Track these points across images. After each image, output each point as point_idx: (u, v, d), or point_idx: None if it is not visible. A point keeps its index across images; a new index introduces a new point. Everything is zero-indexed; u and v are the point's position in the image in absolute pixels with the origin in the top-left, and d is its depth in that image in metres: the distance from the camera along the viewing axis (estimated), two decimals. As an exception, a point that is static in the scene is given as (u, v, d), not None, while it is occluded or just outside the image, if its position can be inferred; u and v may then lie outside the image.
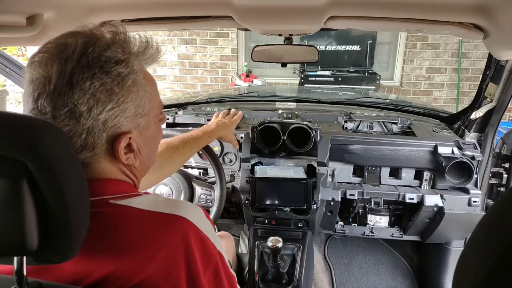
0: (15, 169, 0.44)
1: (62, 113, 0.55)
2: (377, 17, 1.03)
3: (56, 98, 0.55)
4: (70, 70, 0.55)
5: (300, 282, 1.36)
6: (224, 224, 2.04)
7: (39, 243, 0.46)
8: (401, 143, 1.50)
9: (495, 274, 0.28)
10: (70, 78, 0.55)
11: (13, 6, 0.81)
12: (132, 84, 0.60)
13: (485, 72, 1.46)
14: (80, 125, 0.57)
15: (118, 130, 0.60)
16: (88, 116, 0.56)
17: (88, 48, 0.57)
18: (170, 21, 1.14)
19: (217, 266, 0.65)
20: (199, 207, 0.68)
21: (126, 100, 0.60)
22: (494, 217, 0.32)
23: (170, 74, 4.85)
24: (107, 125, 0.59)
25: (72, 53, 0.56)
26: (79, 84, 0.55)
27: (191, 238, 0.60)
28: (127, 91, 0.60)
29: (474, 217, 1.44)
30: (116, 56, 0.59)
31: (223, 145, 1.60)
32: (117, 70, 0.58)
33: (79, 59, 0.56)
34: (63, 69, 0.55)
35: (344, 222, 1.66)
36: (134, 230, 0.58)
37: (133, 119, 0.62)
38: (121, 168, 0.65)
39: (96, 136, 0.58)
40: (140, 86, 0.62)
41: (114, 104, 0.58)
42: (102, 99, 0.57)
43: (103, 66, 0.57)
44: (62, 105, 0.55)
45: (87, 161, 0.60)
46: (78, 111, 0.56)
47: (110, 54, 0.58)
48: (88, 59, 0.56)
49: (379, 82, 4.15)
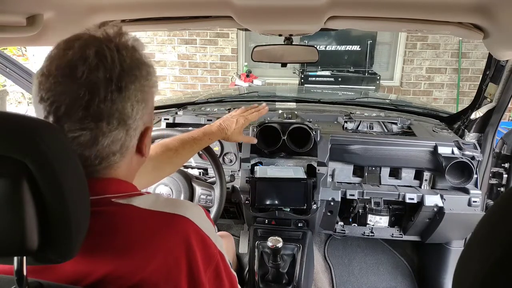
0: (15, 169, 0.44)
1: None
2: (377, 17, 1.03)
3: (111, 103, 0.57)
4: (116, 76, 0.56)
5: (300, 282, 1.36)
6: (224, 224, 2.04)
7: (39, 243, 0.46)
8: (401, 143, 1.50)
9: (495, 274, 0.28)
10: (118, 83, 0.56)
11: (13, 6, 0.81)
12: (149, 79, 0.64)
13: (485, 72, 1.46)
14: (126, 127, 0.59)
15: (144, 126, 0.63)
16: (135, 118, 0.59)
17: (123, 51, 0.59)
18: (170, 21, 1.14)
19: (218, 265, 0.65)
20: (200, 207, 0.68)
21: (149, 95, 0.63)
22: (494, 217, 0.32)
23: (170, 74, 4.85)
24: (141, 122, 0.62)
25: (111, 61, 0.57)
26: (126, 88, 0.57)
27: (192, 237, 0.60)
28: (151, 87, 0.64)
29: (474, 217, 1.44)
30: (140, 57, 0.62)
31: (223, 145, 1.60)
32: (148, 70, 0.62)
33: (121, 64, 0.57)
34: (110, 76, 0.56)
35: (344, 222, 1.66)
36: (135, 229, 0.58)
37: (150, 114, 0.65)
38: (125, 174, 0.65)
39: (134, 135, 0.61)
40: (149, 81, 0.65)
41: (144, 103, 0.61)
42: (140, 100, 0.60)
43: (139, 67, 0.60)
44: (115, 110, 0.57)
45: (114, 161, 0.60)
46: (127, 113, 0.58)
47: (137, 56, 0.62)
48: (126, 63, 0.58)
49: (379, 82, 4.14)
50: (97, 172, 0.60)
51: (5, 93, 4.41)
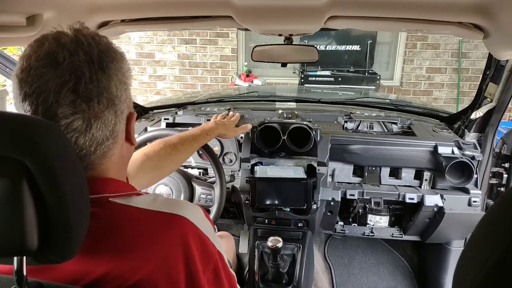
0: (15, 169, 0.44)
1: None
2: (377, 17, 1.03)
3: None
4: (96, 57, 0.58)
5: (300, 282, 1.36)
6: (224, 224, 2.04)
7: (39, 243, 0.46)
8: (401, 143, 1.50)
9: (495, 274, 0.28)
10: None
11: (13, 6, 0.81)
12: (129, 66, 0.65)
13: (485, 72, 1.46)
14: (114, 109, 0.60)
15: (128, 110, 0.64)
16: (119, 98, 0.61)
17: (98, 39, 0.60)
18: (170, 21, 1.14)
19: (216, 265, 0.65)
20: (198, 207, 0.68)
21: (129, 81, 0.64)
22: (494, 217, 0.32)
23: (170, 74, 4.85)
24: (125, 106, 0.63)
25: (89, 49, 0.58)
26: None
27: (190, 237, 0.60)
28: (128, 70, 0.64)
29: (474, 217, 1.44)
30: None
31: (223, 145, 1.60)
32: (119, 52, 0.63)
33: (97, 46, 0.59)
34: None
35: (344, 222, 1.66)
36: (133, 229, 0.58)
37: (131, 99, 0.66)
38: (119, 167, 0.66)
39: (121, 119, 0.62)
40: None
41: (126, 86, 0.63)
42: (121, 80, 0.61)
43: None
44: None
45: (108, 147, 0.61)
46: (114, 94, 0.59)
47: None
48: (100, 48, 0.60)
49: (379, 82, 4.14)
50: (93, 163, 0.60)
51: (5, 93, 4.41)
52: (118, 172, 0.66)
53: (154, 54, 4.74)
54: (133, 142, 0.68)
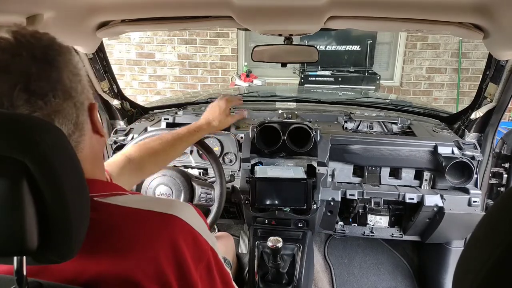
0: (14, 169, 0.44)
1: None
2: (377, 17, 1.03)
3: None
4: (40, 52, 0.56)
5: (300, 282, 1.36)
6: (224, 224, 2.04)
7: (39, 243, 0.46)
8: (401, 143, 1.50)
9: (495, 274, 0.28)
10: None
11: (13, 6, 0.81)
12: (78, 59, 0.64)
13: (485, 72, 1.46)
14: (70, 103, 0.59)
15: (89, 101, 0.63)
16: (76, 90, 0.59)
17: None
18: (170, 21, 1.14)
19: (209, 262, 0.65)
20: (190, 205, 0.68)
21: (83, 72, 0.63)
22: (494, 217, 0.32)
23: (170, 74, 4.85)
24: (84, 97, 0.62)
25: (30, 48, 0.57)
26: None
27: (181, 236, 0.60)
28: (79, 62, 0.63)
29: (474, 217, 1.44)
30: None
31: (223, 145, 1.60)
32: (64, 46, 0.61)
33: (39, 42, 0.57)
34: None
35: (344, 222, 1.66)
36: (123, 229, 0.58)
37: (89, 90, 0.65)
38: (93, 161, 0.65)
39: (83, 110, 0.61)
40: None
41: (80, 77, 0.61)
42: (73, 72, 0.60)
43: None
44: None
45: (76, 140, 0.61)
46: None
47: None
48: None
49: (379, 82, 4.14)
50: None
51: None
52: (94, 168, 0.65)
53: (154, 54, 4.74)
54: (101, 134, 0.67)
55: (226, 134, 1.59)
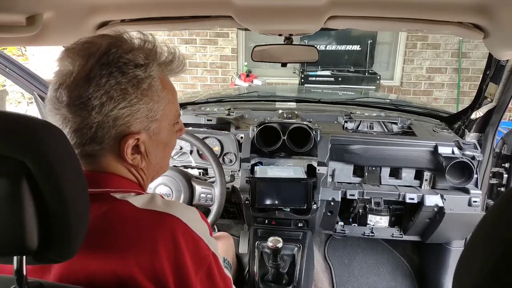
0: (15, 169, 0.44)
1: (76, 103, 0.59)
2: (377, 17, 1.03)
3: (73, 89, 0.59)
4: (90, 66, 0.59)
5: (300, 282, 1.36)
6: (224, 224, 2.04)
7: (39, 242, 0.46)
8: (401, 143, 1.50)
9: (495, 274, 0.28)
10: (88, 74, 0.59)
11: (13, 6, 0.81)
12: (147, 87, 0.63)
13: (486, 72, 1.46)
14: (91, 118, 0.59)
15: (127, 130, 0.63)
16: (99, 111, 0.59)
17: (112, 49, 0.60)
18: (170, 21, 1.14)
19: (210, 267, 0.64)
20: (195, 209, 0.68)
21: (140, 102, 0.62)
22: (494, 217, 0.32)
23: (170, 74, 4.84)
24: (117, 123, 0.61)
25: (95, 51, 0.60)
26: (96, 79, 0.59)
27: (181, 237, 0.60)
28: (141, 94, 0.63)
29: (474, 217, 1.44)
30: (137, 60, 0.62)
31: (223, 145, 1.60)
32: (134, 72, 0.61)
33: (100, 57, 0.59)
34: (84, 65, 0.59)
35: (344, 222, 1.66)
36: (127, 227, 0.59)
37: (144, 122, 0.64)
38: (128, 166, 0.67)
39: (105, 132, 0.61)
40: (155, 92, 0.65)
41: (126, 104, 0.61)
42: (115, 97, 0.60)
43: (121, 67, 0.60)
44: (77, 97, 0.59)
45: (94, 153, 0.63)
46: (91, 104, 0.59)
47: (131, 57, 0.61)
48: (108, 58, 0.60)
49: (379, 82, 4.14)
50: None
51: (5, 93, 4.41)
52: (129, 173, 0.68)
53: (154, 54, 4.73)
54: (128, 160, 0.69)
55: (226, 134, 1.59)
